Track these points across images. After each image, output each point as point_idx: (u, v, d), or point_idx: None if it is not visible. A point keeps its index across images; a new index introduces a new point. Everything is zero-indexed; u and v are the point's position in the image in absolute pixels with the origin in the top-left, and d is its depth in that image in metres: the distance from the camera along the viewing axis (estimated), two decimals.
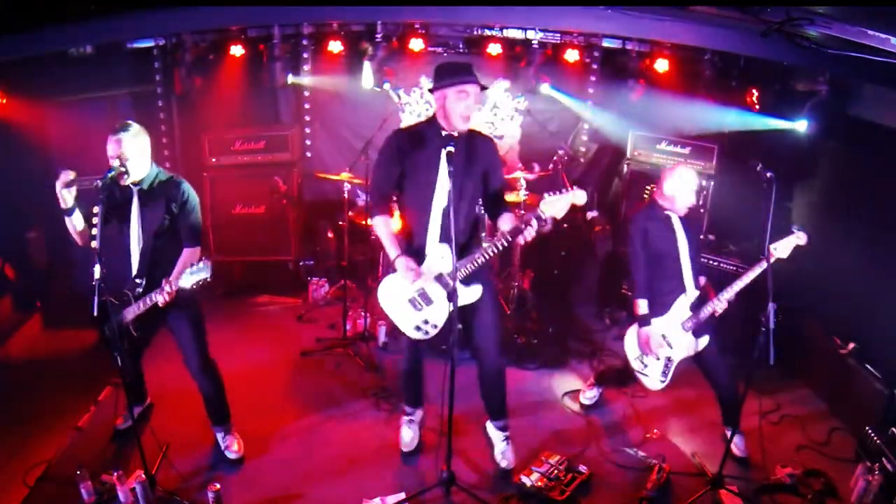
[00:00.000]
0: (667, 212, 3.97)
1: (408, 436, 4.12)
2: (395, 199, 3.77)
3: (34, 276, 5.57)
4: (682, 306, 3.97)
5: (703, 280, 4.08)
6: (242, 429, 4.24)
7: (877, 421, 3.99)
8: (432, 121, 3.60)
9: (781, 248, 3.72)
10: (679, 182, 3.89)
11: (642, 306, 3.98)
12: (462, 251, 3.54)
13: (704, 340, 3.99)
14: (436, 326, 3.64)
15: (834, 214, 4.94)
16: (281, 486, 3.76)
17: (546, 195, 3.33)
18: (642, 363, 4.09)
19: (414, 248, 3.63)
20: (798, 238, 3.74)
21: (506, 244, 3.47)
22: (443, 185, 3.52)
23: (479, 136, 3.69)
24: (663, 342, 4.01)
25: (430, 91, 3.54)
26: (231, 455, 3.95)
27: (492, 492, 3.74)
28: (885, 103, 4.56)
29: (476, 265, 3.52)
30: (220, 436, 4.04)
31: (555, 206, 3.33)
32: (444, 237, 3.55)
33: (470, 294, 3.64)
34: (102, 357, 4.46)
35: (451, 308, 3.38)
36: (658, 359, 4.05)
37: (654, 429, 4.40)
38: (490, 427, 4.13)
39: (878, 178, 4.53)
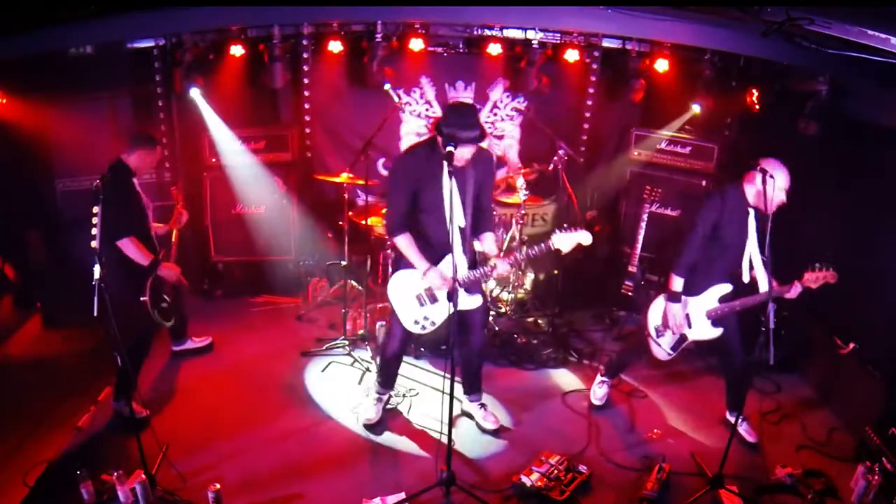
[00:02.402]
0: (750, 207, 3.86)
1: (373, 410, 4.35)
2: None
3: (34, 276, 5.57)
4: (713, 294, 3.99)
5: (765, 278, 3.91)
6: (242, 429, 4.25)
7: (877, 421, 3.99)
8: (434, 144, 3.70)
9: (813, 280, 3.79)
10: (781, 183, 3.71)
11: (677, 284, 3.98)
12: (472, 262, 3.94)
13: (717, 331, 4.02)
14: (434, 324, 3.99)
15: (834, 214, 4.94)
16: (281, 485, 3.76)
17: (557, 230, 3.74)
18: (658, 333, 4.17)
19: (433, 256, 3.87)
20: (831, 278, 3.79)
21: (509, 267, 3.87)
22: (453, 199, 3.74)
23: (479, 149, 3.75)
24: (685, 321, 4.06)
25: (436, 127, 3.62)
26: None
27: (492, 492, 3.74)
28: (885, 103, 4.55)
29: (484, 277, 3.87)
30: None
31: (563, 241, 3.75)
32: (463, 246, 3.86)
33: (472, 301, 3.98)
34: (102, 357, 4.49)
35: (451, 307, 3.44)
36: (674, 333, 4.10)
37: (654, 429, 4.40)
38: (466, 403, 4.41)
39: (879, 178, 4.53)
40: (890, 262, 4.41)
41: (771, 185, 3.57)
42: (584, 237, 3.77)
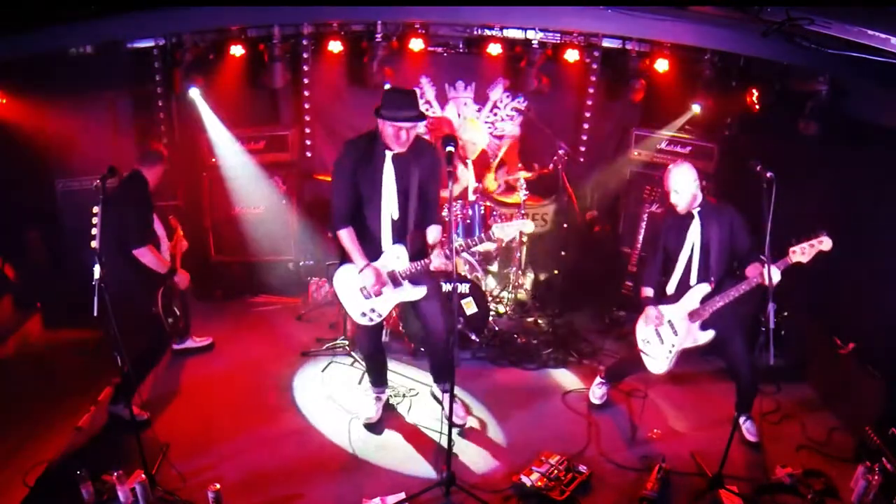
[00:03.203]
0: (689, 210, 3.99)
1: (373, 410, 4.38)
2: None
3: (34, 276, 5.57)
4: (693, 297, 4.00)
5: (753, 272, 3.81)
6: (242, 429, 4.25)
7: (877, 421, 3.99)
8: (376, 136, 3.78)
9: (800, 252, 3.57)
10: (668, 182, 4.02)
11: (646, 292, 4.16)
12: (417, 255, 3.93)
13: (709, 335, 4.00)
14: (380, 315, 4.04)
15: (833, 214, 4.94)
16: (281, 485, 3.76)
17: (498, 220, 3.72)
18: (648, 345, 4.17)
19: (371, 248, 3.93)
20: (822, 244, 3.56)
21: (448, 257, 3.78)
22: (389, 191, 3.82)
23: (423, 143, 3.84)
24: (668, 327, 4.07)
25: (375, 112, 3.71)
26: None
27: (492, 492, 3.74)
28: (885, 103, 4.55)
29: (421, 269, 3.86)
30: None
31: (504, 231, 3.78)
32: (398, 239, 3.92)
33: (417, 292, 4.00)
34: (102, 357, 4.49)
35: (451, 306, 3.49)
36: (662, 343, 4.10)
37: (655, 429, 4.40)
38: (435, 389, 4.44)
39: (878, 177, 4.53)
40: (890, 262, 4.40)
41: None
42: (526, 225, 3.86)
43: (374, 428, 4.30)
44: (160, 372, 4.85)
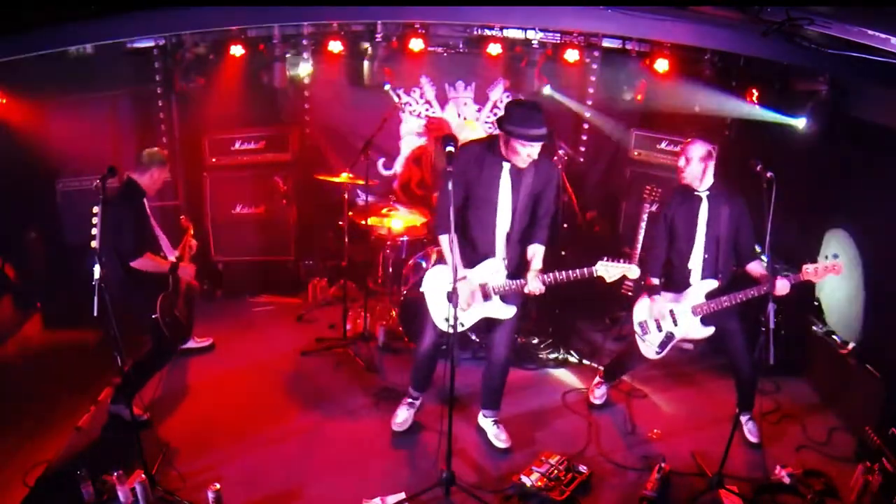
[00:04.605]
0: (696, 192, 3.94)
1: (402, 416, 4.29)
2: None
3: (34, 276, 5.57)
4: (698, 290, 3.98)
5: (758, 267, 3.92)
6: (242, 429, 4.25)
7: (877, 421, 3.99)
8: (494, 143, 3.66)
9: (813, 272, 3.65)
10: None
11: (653, 281, 4.09)
12: (515, 271, 3.83)
13: (708, 330, 4.00)
14: (462, 325, 3.89)
15: (833, 214, 4.94)
16: (281, 485, 3.76)
17: (605, 259, 3.64)
18: (644, 329, 4.15)
19: (473, 257, 3.81)
20: (835, 268, 3.64)
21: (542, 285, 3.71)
22: (504, 203, 3.71)
23: (542, 158, 3.67)
24: (668, 316, 4.04)
25: (497, 125, 3.60)
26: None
27: (492, 492, 3.74)
28: (885, 103, 4.55)
29: (515, 289, 3.77)
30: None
31: (608, 271, 3.66)
32: (501, 252, 3.81)
33: (505, 311, 3.89)
34: (102, 357, 4.49)
35: (451, 308, 3.42)
36: (660, 330, 4.09)
37: (655, 429, 4.40)
38: (481, 418, 4.29)
39: (879, 177, 4.53)
40: (890, 261, 4.40)
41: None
42: (632, 270, 3.66)
43: (374, 428, 4.29)
44: (160, 372, 4.85)
